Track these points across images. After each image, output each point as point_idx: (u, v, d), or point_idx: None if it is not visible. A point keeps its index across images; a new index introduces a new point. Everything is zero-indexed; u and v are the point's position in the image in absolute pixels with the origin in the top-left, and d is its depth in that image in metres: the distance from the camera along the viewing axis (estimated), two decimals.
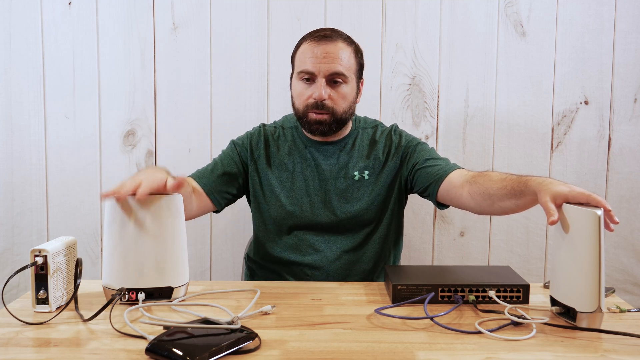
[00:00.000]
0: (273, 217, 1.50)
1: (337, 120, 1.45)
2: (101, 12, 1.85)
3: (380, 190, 1.50)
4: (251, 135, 1.55)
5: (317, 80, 1.42)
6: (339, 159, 1.51)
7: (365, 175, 1.50)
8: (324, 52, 1.41)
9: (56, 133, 1.88)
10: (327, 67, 1.41)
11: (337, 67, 1.41)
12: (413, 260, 1.92)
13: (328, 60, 1.41)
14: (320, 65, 1.41)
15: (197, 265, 1.92)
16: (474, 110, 1.87)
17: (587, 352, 0.92)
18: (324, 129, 1.45)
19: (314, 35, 1.45)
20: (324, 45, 1.42)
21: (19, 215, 1.91)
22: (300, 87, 1.45)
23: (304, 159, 1.51)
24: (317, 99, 1.41)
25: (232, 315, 1.00)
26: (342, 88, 1.44)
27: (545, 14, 1.84)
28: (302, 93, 1.44)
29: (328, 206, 1.49)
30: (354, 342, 0.96)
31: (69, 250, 1.15)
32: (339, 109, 1.44)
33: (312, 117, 1.44)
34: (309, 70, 1.42)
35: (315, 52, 1.42)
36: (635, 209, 1.89)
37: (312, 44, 1.43)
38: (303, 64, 1.43)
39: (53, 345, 0.94)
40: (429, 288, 1.15)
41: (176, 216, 1.15)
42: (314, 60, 1.41)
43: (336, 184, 1.49)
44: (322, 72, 1.41)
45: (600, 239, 0.98)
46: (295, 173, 1.51)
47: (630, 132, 1.87)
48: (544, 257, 1.92)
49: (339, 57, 1.42)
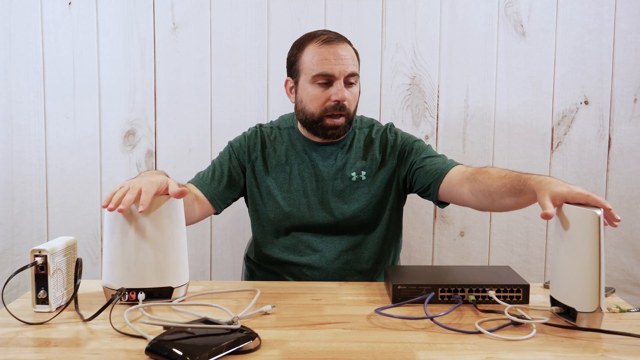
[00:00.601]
0: (271, 218, 1.50)
1: (349, 122, 1.47)
2: (101, 12, 1.85)
3: (378, 190, 1.50)
4: (248, 137, 1.55)
5: (335, 83, 1.42)
6: (337, 159, 1.51)
7: (363, 175, 1.49)
8: (339, 54, 1.42)
9: (56, 133, 1.88)
10: (345, 68, 1.41)
11: (352, 68, 1.43)
12: (413, 260, 1.92)
13: (345, 62, 1.42)
14: (338, 67, 1.41)
15: (197, 265, 1.92)
16: (474, 110, 1.87)
17: (587, 352, 0.92)
18: (339, 133, 1.47)
19: (320, 39, 1.44)
20: (336, 46, 1.42)
21: (19, 215, 1.91)
22: (315, 91, 1.43)
23: (301, 160, 1.51)
24: (340, 99, 1.41)
25: (232, 315, 1.00)
26: (354, 89, 1.46)
27: (545, 14, 1.84)
28: (318, 96, 1.43)
29: (326, 207, 1.49)
30: (354, 342, 0.96)
31: (69, 250, 1.15)
32: (351, 110, 1.46)
33: (328, 122, 1.44)
34: (329, 72, 1.41)
35: (330, 54, 1.41)
36: (635, 209, 1.89)
37: (322, 46, 1.42)
38: (319, 67, 1.41)
39: (53, 345, 0.94)
40: (429, 288, 1.15)
41: (176, 217, 1.15)
42: (332, 62, 1.41)
43: (334, 185, 1.49)
44: (342, 73, 1.41)
45: (600, 239, 0.98)
46: (293, 174, 1.50)
47: (630, 132, 1.87)
48: (544, 257, 1.92)
49: (353, 58, 1.45)
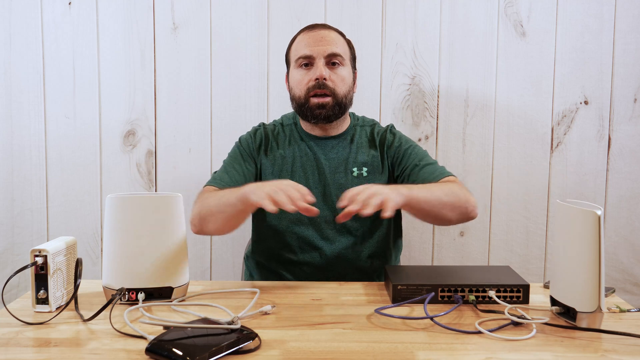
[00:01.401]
0: (272, 212, 1.50)
1: (338, 104, 1.46)
2: (101, 12, 1.85)
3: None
4: (254, 133, 1.55)
5: (315, 63, 1.44)
6: (338, 153, 1.52)
7: (364, 172, 1.50)
8: (319, 36, 1.45)
9: (56, 133, 1.88)
10: (324, 48, 1.44)
11: (334, 49, 1.45)
12: (413, 260, 1.92)
13: (324, 43, 1.45)
14: (317, 47, 1.44)
15: (197, 265, 1.92)
16: (474, 110, 1.87)
17: (587, 352, 0.92)
18: (327, 112, 1.45)
19: (307, 27, 1.50)
20: (318, 30, 1.47)
21: (19, 215, 1.91)
22: (299, 74, 1.46)
23: (303, 152, 1.52)
24: (319, 77, 1.43)
25: (232, 315, 1.00)
26: (340, 70, 1.47)
27: (545, 14, 1.84)
28: (301, 80, 1.46)
29: (327, 201, 1.49)
30: (354, 342, 0.96)
31: (69, 250, 1.15)
32: (339, 91, 1.46)
33: (314, 101, 1.45)
34: (307, 54, 1.44)
35: (310, 37, 1.46)
36: (635, 209, 1.89)
37: (305, 32, 1.48)
38: (300, 51, 1.46)
39: (53, 345, 0.94)
40: (429, 288, 1.15)
41: (176, 216, 1.15)
42: (310, 44, 1.45)
43: (335, 178, 1.50)
44: (319, 53, 1.44)
45: (600, 239, 0.98)
46: (295, 167, 1.51)
47: (630, 132, 1.87)
48: (544, 257, 1.92)
49: (335, 40, 1.47)
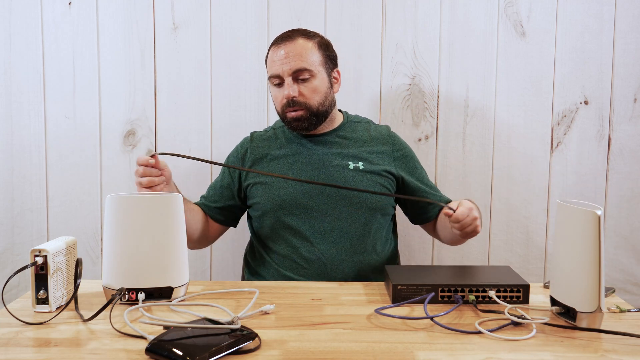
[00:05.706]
0: (268, 209, 1.52)
1: (314, 114, 1.50)
2: (101, 12, 1.85)
3: (375, 184, 1.52)
4: (240, 146, 1.63)
5: (285, 81, 1.48)
6: (332, 148, 1.55)
7: (360, 165, 1.52)
8: (284, 53, 1.48)
9: (56, 133, 1.88)
10: (289, 66, 1.47)
11: (299, 64, 1.47)
12: (413, 260, 1.92)
13: (289, 60, 1.47)
14: (282, 66, 1.48)
15: (197, 265, 1.92)
16: (474, 110, 1.87)
17: (587, 352, 0.92)
18: (303, 125, 1.51)
19: (276, 40, 1.52)
20: (283, 46, 1.49)
21: (19, 215, 1.90)
22: (274, 91, 1.53)
23: (296, 150, 1.55)
24: (287, 98, 1.48)
25: (232, 315, 1.00)
26: (310, 82, 1.49)
27: (545, 14, 1.84)
28: (276, 97, 1.53)
29: (323, 194, 1.50)
30: (354, 342, 0.96)
31: (69, 250, 1.15)
32: (312, 103, 1.49)
33: (290, 115, 1.51)
34: (275, 74, 1.49)
35: (277, 55, 1.49)
36: (635, 209, 1.89)
37: (273, 48, 1.51)
38: (270, 70, 1.51)
39: (53, 345, 0.94)
40: (429, 288, 1.15)
41: (176, 216, 1.15)
42: (276, 63, 1.49)
43: (329, 172, 1.51)
44: (285, 72, 1.47)
45: (600, 239, 0.98)
46: (289, 164, 1.54)
47: (630, 132, 1.87)
48: (544, 257, 1.92)
49: (300, 54, 1.48)
